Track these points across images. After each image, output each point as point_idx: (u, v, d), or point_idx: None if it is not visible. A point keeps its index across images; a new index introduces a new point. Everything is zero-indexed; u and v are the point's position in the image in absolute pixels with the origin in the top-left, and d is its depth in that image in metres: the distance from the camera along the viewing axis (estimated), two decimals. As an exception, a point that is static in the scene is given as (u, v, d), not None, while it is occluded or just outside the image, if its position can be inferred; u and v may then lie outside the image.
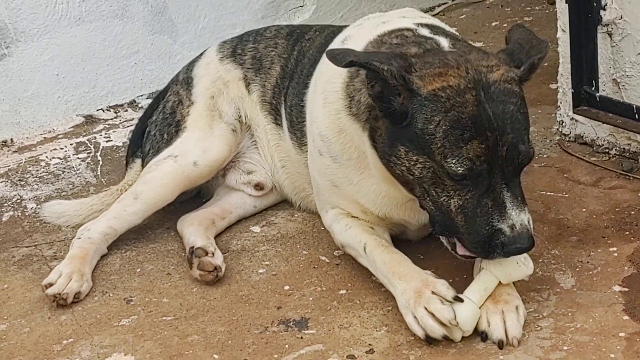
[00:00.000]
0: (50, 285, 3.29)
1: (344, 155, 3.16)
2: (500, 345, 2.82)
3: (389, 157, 2.90)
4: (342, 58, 2.83)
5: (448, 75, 2.79)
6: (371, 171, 3.11)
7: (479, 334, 2.86)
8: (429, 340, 2.84)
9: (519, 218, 2.75)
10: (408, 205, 3.13)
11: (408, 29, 3.10)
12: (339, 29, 3.56)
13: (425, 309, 2.82)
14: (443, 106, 2.76)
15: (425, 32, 3.08)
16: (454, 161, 2.74)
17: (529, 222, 2.77)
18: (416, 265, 2.99)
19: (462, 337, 2.86)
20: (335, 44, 3.32)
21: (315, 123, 3.22)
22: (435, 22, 3.26)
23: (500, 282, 2.87)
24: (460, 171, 2.75)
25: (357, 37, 3.23)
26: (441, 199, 2.83)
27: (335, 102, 3.16)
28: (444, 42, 3.00)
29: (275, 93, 3.64)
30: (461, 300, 2.83)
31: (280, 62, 3.67)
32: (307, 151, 3.44)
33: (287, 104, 3.55)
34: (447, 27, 3.23)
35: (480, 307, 2.85)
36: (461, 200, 2.80)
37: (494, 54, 2.95)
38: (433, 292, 2.84)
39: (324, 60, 3.34)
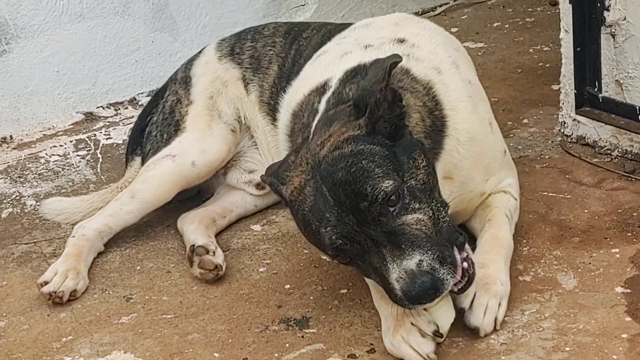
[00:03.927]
0: (46, 283, 3.28)
1: None
2: (475, 331, 2.83)
3: None
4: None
5: (294, 177, 2.81)
6: None
7: (459, 309, 2.85)
8: None
9: (400, 267, 2.63)
10: None
11: (324, 90, 3.06)
12: (336, 28, 3.54)
13: (402, 337, 2.79)
14: (294, 209, 2.81)
15: (325, 98, 3.01)
16: (326, 252, 2.78)
17: (418, 264, 2.62)
18: None
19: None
20: (313, 57, 3.35)
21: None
22: (387, 54, 3.05)
23: None
24: (335, 258, 2.78)
25: (321, 62, 3.24)
26: None
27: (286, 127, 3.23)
28: (315, 121, 2.95)
29: (273, 93, 3.61)
30: (441, 336, 2.80)
31: (277, 62, 3.65)
32: None
33: None
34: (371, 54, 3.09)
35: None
36: (363, 271, 2.81)
37: (345, 111, 2.84)
38: (412, 323, 2.81)
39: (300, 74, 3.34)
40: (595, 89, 3.68)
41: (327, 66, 3.18)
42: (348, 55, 3.16)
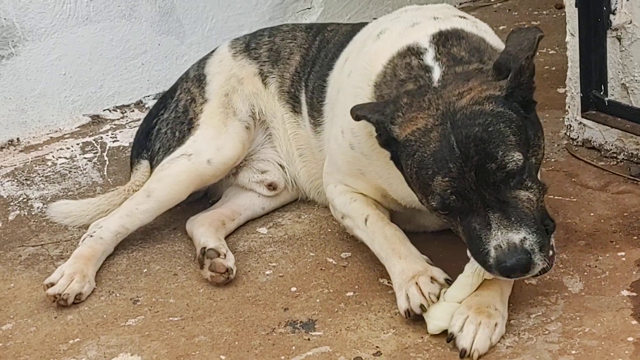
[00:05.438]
0: (52, 285, 3.28)
1: (373, 155, 3.15)
2: (462, 354, 2.80)
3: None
4: (353, 112, 2.96)
5: (418, 118, 2.82)
6: None
7: (448, 335, 2.86)
8: (408, 315, 2.93)
9: (505, 237, 2.69)
10: None
11: (419, 51, 3.03)
12: (362, 24, 3.55)
13: (417, 284, 2.91)
14: (412, 149, 2.81)
15: (430, 56, 3.00)
16: (428, 198, 2.80)
17: (522, 241, 2.69)
18: (415, 248, 3.06)
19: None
20: (372, 37, 3.26)
21: (347, 116, 3.12)
22: (459, 25, 3.12)
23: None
24: (435, 206, 2.79)
25: (389, 35, 3.19)
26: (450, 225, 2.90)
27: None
28: (437, 74, 2.94)
29: (295, 81, 3.65)
30: (450, 283, 2.92)
31: (300, 52, 3.69)
32: (321, 131, 3.47)
33: (308, 87, 3.57)
34: (467, 30, 3.10)
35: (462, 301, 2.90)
36: (456, 226, 2.83)
37: (483, 71, 2.88)
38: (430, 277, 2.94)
39: (358, 57, 3.27)
40: (601, 93, 3.69)
41: (398, 36, 3.14)
42: (419, 24, 3.16)
